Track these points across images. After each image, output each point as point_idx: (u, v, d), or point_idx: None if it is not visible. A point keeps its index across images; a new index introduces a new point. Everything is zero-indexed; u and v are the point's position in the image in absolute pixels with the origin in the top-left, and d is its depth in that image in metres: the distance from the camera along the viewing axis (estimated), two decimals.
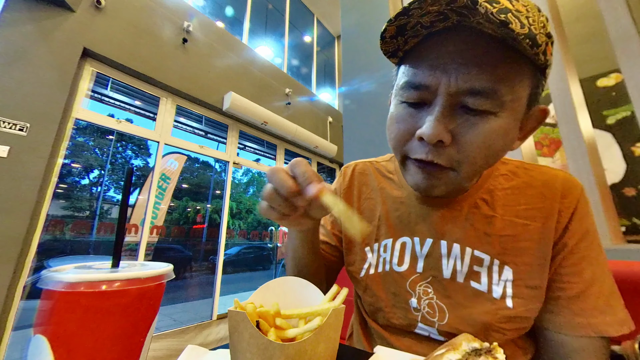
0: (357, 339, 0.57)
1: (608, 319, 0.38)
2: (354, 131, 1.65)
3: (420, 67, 0.35)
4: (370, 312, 0.52)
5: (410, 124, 0.37)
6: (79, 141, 3.94)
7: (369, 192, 0.56)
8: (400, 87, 0.38)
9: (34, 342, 0.27)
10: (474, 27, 0.32)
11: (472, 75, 0.32)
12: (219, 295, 3.38)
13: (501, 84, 0.32)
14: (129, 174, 0.38)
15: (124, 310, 0.30)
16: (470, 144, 0.34)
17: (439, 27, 0.33)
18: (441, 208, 0.46)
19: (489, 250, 0.42)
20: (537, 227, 0.41)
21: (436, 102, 0.34)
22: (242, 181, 7.09)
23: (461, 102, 0.34)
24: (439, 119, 0.33)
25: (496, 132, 0.34)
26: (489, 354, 0.26)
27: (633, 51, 0.96)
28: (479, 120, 0.33)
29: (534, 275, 0.40)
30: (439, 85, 0.34)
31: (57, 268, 0.31)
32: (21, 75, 2.06)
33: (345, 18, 1.90)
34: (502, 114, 0.33)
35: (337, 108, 6.14)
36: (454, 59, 0.33)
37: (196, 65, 3.30)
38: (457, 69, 0.32)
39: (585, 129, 1.03)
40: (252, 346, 0.26)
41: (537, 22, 0.31)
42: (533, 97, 0.36)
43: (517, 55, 0.32)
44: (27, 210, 1.99)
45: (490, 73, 0.32)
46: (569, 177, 0.44)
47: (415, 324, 0.46)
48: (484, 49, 0.32)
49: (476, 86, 0.32)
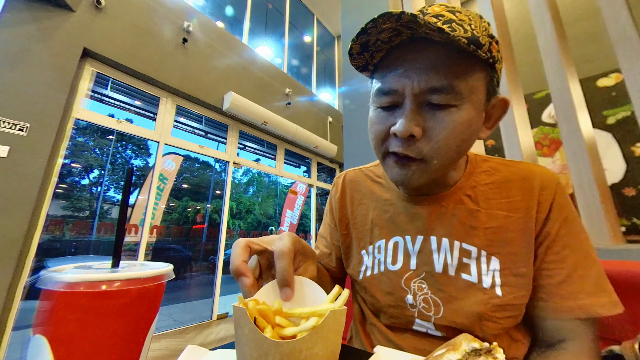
0: (357, 340, 0.57)
1: (597, 300, 0.40)
2: (354, 131, 1.65)
3: (387, 76, 0.41)
4: (373, 311, 0.54)
5: (385, 124, 0.42)
6: (79, 141, 3.94)
7: (360, 198, 0.59)
8: (374, 95, 0.44)
9: (34, 342, 0.27)
10: (425, 38, 0.37)
11: (430, 76, 0.37)
12: (219, 295, 3.38)
13: (456, 79, 0.37)
14: (129, 174, 0.38)
15: (124, 310, 0.30)
16: (438, 135, 0.39)
17: (396, 42, 0.39)
18: (428, 206, 0.49)
19: (476, 243, 0.45)
20: (519, 218, 0.45)
21: (405, 103, 0.39)
22: (242, 181, 7.09)
23: (426, 100, 0.39)
24: (408, 116, 0.39)
25: (460, 122, 0.38)
26: (489, 354, 0.26)
27: (633, 51, 0.96)
28: (444, 113, 0.38)
29: (519, 264, 0.43)
30: (404, 88, 0.39)
31: (56, 268, 0.31)
32: (21, 76, 2.06)
33: (345, 18, 1.90)
34: (463, 106, 0.38)
35: (337, 108, 6.14)
36: (414, 65, 0.38)
37: (196, 65, 3.30)
38: (418, 73, 0.38)
39: (585, 129, 1.03)
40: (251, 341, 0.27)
41: (479, 27, 0.37)
42: (490, 88, 0.41)
43: (465, 55, 0.37)
44: (27, 210, 1.99)
45: (444, 72, 0.37)
46: (546, 170, 0.48)
47: (413, 320, 0.47)
48: (436, 53, 0.38)
49: (435, 85, 0.37)
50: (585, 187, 0.97)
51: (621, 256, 0.83)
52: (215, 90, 3.47)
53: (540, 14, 1.18)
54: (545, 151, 2.08)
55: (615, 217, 0.96)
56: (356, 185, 0.61)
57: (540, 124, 2.14)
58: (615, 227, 0.93)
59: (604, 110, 1.83)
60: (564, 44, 1.14)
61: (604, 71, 1.88)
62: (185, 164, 3.93)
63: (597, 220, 0.93)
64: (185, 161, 4.00)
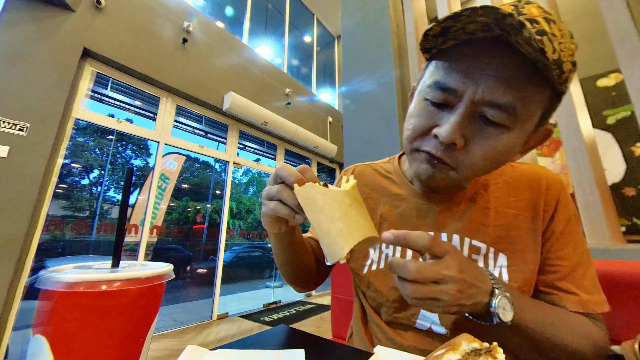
0: (358, 338, 0.57)
1: (593, 298, 0.42)
2: (354, 131, 1.65)
3: (451, 71, 0.37)
4: (374, 307, 0.54)
5: (429, 121, 0.39)
6: (79, 141, 3.94)
7: (368, 192, 0.58)
8: (427, 85, 0.40)
9: (33, 342, 0.27)
10: (511, 44, 0.33)
11: (498, 89, 0.34)
12: (219, 295, 3.38)
13: (520, 102, 0.34)
14: (129, 174, 0.38)
15: (124, 310, 0.30)
16: (478, 152, 0.37)
17: (479, 36, 0.35)
18: (440, 203, 0.50)
19: (485, 240, 0.46)
20: (527, 216, 0.46)
21: (458, 107, 0.36)
22: (242, 181, 7.09)
23: (481, 111, 0.36)
24: (457, 123, 0.36)
25: (505, 145, 0.37)
26: (489, 354, 0.26)
27: (633, 51, 0.96)
28: (493, 131, 0.36)
29: (527, 261, 0.44)
30: (465, 92, 0.36)
31: (55, 268, 0.31)
32: (21, 75, 2.06)
33: (345, 18, 1.90)
34: (514, 130, 0.36)
35: (337, 108, 6.14)
36: (485, 70, 0.35)
37: (196, 65, 3.30)
38: (486, 80, 0.34)
39: (585, 129, 1.03)
40: (328, 199, 0.33)
41: (567, 50, 0.32)
42: (544, 118, 0.38)
43: (542, 78, 0.34)
44: (27, 210, 1.99)
45: (514, 90, 0.34)
46: (551, 172, 0.49)
47: (417, 313, 0.48)
48: (514, 67, 0.34)
49: (498, 100, 0.34)
50: (585, 187, 0.97)
51: (621, 256, 0.83)
52: (215, 90, 3.47)
53: None
54: (545, 151, 2.08)
55: (615, 217, 0.96)
56: (365, 179, 0.60)
57: None
58: (615, 227, 0.93)
59: (604, 110, 1.83)
60: None
61: (604, 71, 1.87)
62: (185, 164, 3.93)
63: (597, 220, 0.93)
64: (185, 161, 3.99)
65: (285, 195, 0.37)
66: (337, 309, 0.97)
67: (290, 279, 0.59)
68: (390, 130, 1.44)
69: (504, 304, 0.34)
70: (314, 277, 0.61)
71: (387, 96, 1.51)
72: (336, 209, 0.33)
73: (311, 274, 0.60)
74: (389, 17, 1.63)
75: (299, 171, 0.37)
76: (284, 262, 0.54)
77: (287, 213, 0.37)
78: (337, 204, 0.33)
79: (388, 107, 1.49)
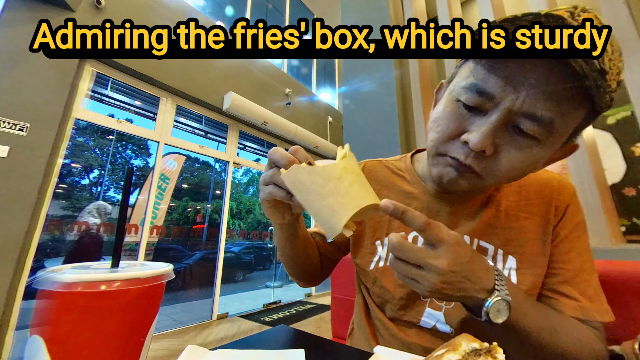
0: (360, 333, 0.57)
1: (595, 305, 0.41)
2: (354, 131, 1.65)
3: (492, 74, 0.34)
4: (379, 303, 0.54)
5: (459, 125, 0.37)
6: (79, 141, 3.94)
7: (379, 188, 0.58)
8: (462, 86, 0.37)
9: (31, 343, 0.27)
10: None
11: (539, 101, 0.32)
12: (219, 295, 3.38)
13: (559, 117, 0.32)
14: (129, 174, 0.38)
15: (124, 310, 0.30)
16: (506, 162, 0.36)
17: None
18: (453, 204, 0.50)
19: (494, 241, 0.46)
20: (538, 220, 0.46)
21: (493, 113, 0.34)
22: (242, 181, 7.09)
23: (516, 121, 0.34)
24: (490, 131, 0.34)
25: (535, 157, 0.36)
26: (489, 354, 0.26)
27: (633, 51, 0.96)
28: (525, 143, 0.35)
29: (537, 264, 0.44)
30: (504, 99, 0.33)
31: (54, 268, 0.31)
32: (21, 76, 2.06)
33: (345, 18, 1.90)
34: (545, 143, 0.34)
35: (337, 108, 6.14)
36: (528, 78, 0.32)
37: (196, 65, 3.30)
38: (528, 89, 0.32)
39: (585, 129, 1.03)
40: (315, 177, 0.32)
41: (615, 67, 0.31)
42: (575, 133, 0.37)
43: (585, 94, 0.31)
44: (27, 210, 1.99)
45: (556, 105, 0.32)
46: (562, 178, 0.49)
47: (423, 310, 0.48)
48: (561, 80, 0.31)
49: (537, 113, 0.32)
50: (585, 187, 0.97)
51: (621, 256, 0.82)
52: (215, 90, 3.47)
53: None
54: None
55: (615, 217, 0.96)
56: (375, 174, 0.59)
57: None
58: (615, 227, 0.93)
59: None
60: None
61: None
62: (185, 164, 3.93)
63: (597, 220, 0.93)
64: (185, 161, 3.99)
65: (278, 178, 0.36)
66: (337, 309, 0.97)
67: (294, 273, 0.59)
68: (390, 130, 1.43)
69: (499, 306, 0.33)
70: (318, 271, 0.61)
71: (387, 96, 1.51)
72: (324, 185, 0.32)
73: (315, 269, 0.60)
74: (389, 17, 1.63)
75: (290, 152, 0.37)
76: (288, 255, 0.54)
77: (284, 195, 0.37)
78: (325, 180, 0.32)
79: (388, 107, 1.49)
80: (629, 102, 0.96)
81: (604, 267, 0.54)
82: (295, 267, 0.57)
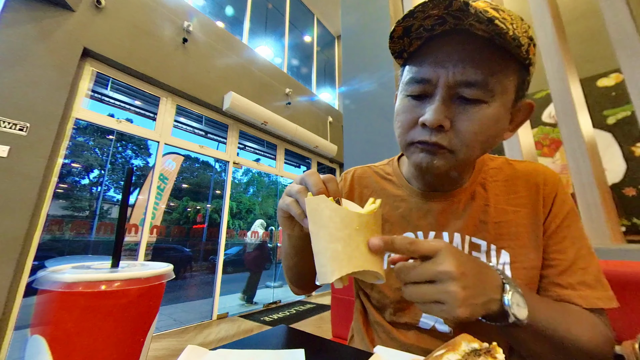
0: (359, 339, 0.57)
1: (597, 293, 0.41)
2: (354, 131, 1.65)
3: (422, 65, 0.40)
4: (378, 307, 0.54)
5: (414, 113, 0.42)
6: (79, 141, 3.94)
7: (369, 194, 0.58)
8: (405, 83, 0.43)
9: (32, 342, 0.27)
10: (467, 30, 0.37)
11: (466, 70, 0.37)
12: (219, 295, 3.38)
13: (491, 76, 0.37)
14: (129, 174, 0.38)
15: (124, 310, 0.30)
16: (466, 129, 0.39)
17: (438, 31, 0.39)
18: (441, 202, 0.50)
19: (485, 237, 0.47)
20: (527, 212, 0.47)
21: (436, 94, 0.39)
22: (242, 181, 7.09)
23: (458, 93, 0.39)
24: (439, 107, 0.39)
25: (488, 118, 0.39)
26: (489, 354, 0.26)
27: (633, 51, 0.95)
28: (473, 108, 0.39)
29: (530, 257, 0.44)
30: (438, 78, 0.39)
31: (54, 268, 0.31)
32: (21, 75, 2.06)
33: (345, 18, 1.90)
34: (493, 103, 0.38)
35: (337, 108, 6.14)
36: (451, 56, 0.38)
37: (196, 65, 3.30)
38: (454, 64, 0.38)
39: (585, 129, 1.03)
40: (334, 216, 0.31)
41: (520, 27, 0.36)
42: (520, 90, 0.41)
43: (504, 53, 0.37)
44: (27, 210, 1.99)
45: (481, 67, 0.37)
46: (548, 168, 0.50)
47: (421, 312, 0.48)
48: (476, 47, 0.38)
49: (470, 79, 0.37)
50: (586, 187, 0.97)
51: (621, 256, 0.82)
52: (215, 90, 3.47)
53: (540, 14, 1.18)
54: (546, 151, 2.07)
55: (615, 217, 0.96)
56: (365, 181, 0.60)
57: (540, 124, 2.14)
58: (615, 227, 0.93)
59: (604, 110, 1.83)
60: (564, 44, 1.14)
61: (604, 71, 1.87)
62: (185, 164, 3.93)
63: (597, 220, 0.93)
64: (185, 161, 4.00)
65: (302, 198, 0.37)
66: (337, 309, 0.97)
67: (293, 280, 0.59)
68: (390, 130, 1.43)
69: (517, 299, 0.32)
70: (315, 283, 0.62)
71: (387, 96, 1.51)
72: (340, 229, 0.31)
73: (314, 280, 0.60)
74: (389, 17, 1.63)
75: (324, 180, 0.38)
76: (291, 264, 0.54)
77: (299, 214, 0.37)
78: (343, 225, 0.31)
79: (388, 107, 1.49)
80: (629, 102, 0.96)
81: (604, 267, 0.54)
82: (297, 276, 0.57)
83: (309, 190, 0.37)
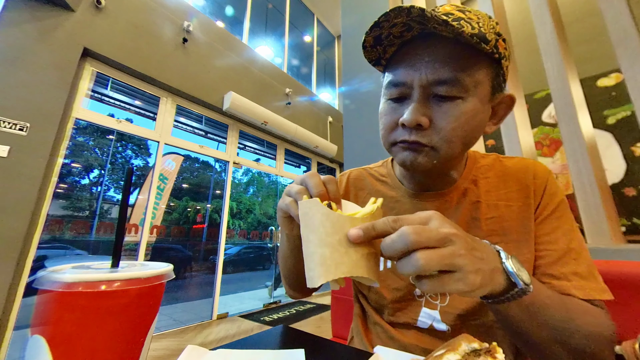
0: (358, 340, 0.57)
1: (590, 284, 0.41)
2: (354, 131, 1.65)
3: (398, 69, 0.43)
4: (376, 308, 0.55)
5: (394, 115, 0.44)
6: (79, 141, 3.94)
7: (365, 196, 0.59)
8: (385, 88, 0.46)
9: (32, 342, 0.27)
10: (434, 33, 0.39)
11: (437, 69, 0.39)
12: (219, 295, 3.38)
13: (461, 72, 0.39)
14: (129, 174, 0.38)
15: (124, 310, 0.30)
16: (445, 125, 0.40)
17: (408, 37, 0.42)
18: (434, 201, 0.51)
19: (478, 233, 0.47)
20: (519, 207, 0.47)
21: (413, 95, 0.42)
22: (242, 181, 7.09)
23: (433, 92, 0.41)
24: (416, 107, 0.41)
25: (465, 113, 0.40)
26: (488, 354, 0.26)
27: (633, 51, 0.96)
28: (450, 104, 0.40)
29: (523, 250, 0.45)
30: (413, 80, 0.41)
31: (54, 268, 0.31)
32: (21, 75, 2.06)
33: (345, 18, 1.90)
34: (469, 98, 0.40)
35: (337, 108, 6.14)
36: (422, 58, 0.41)
37: (196, 65, 3.30)
38: (426, 65, 0.40)
39: (586, 129, 1.03)
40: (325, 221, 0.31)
41: (487, 25, 0.39)
42: (495, 83, 0.43)
43: (471, 49, 0.39)
44: (27, 210, 1.99)
45: (451, 65, 0.39)
46: (538, 163, 0.51)
47: (419, 310, 0.49)
48: (444, 47, 0.40)
49: (442, 77, 0.39)
50: (586, 187, 0.97)
51: (621, 256, 0.82)
52: (215, 90, 3.47)
53: (540, 14, 1.18)
54: (546, 151, 2.08)
55: (615, 217, 0.96)
56: (361, 183, 0.61)
57: (540, 124, 2.14)
58: (615, 227, 0.93)
59: (604, 110, 1.83)
60: (564, 44, 1.14)
61: (604, 71, 1.87)
62: (185, 164, 3.93)
63: (597, 220, 0.93)
64: (185, 161, 3.99)
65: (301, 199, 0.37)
66: (337, 309, 0.97)
67: (290, 283, 0.59)
68: None
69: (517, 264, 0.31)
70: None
71: None
72: (330, 234, 0.30)
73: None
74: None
75: (324, 181, 0.38)
76: (289, 265, 0.54)
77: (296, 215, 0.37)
78: (333, 230, 0.30)
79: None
80: (629, 102, 0.96)
81: (604, 267, 0.54)
82: (294, 278, 0.57)
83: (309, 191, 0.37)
